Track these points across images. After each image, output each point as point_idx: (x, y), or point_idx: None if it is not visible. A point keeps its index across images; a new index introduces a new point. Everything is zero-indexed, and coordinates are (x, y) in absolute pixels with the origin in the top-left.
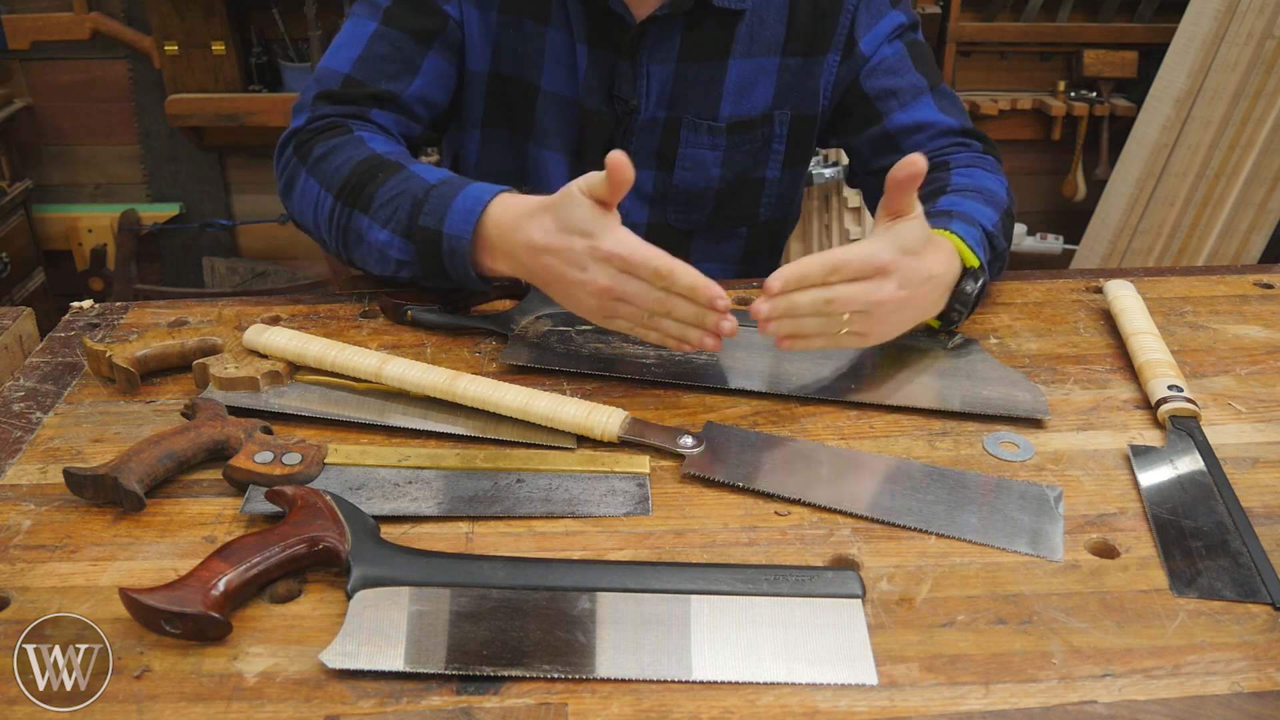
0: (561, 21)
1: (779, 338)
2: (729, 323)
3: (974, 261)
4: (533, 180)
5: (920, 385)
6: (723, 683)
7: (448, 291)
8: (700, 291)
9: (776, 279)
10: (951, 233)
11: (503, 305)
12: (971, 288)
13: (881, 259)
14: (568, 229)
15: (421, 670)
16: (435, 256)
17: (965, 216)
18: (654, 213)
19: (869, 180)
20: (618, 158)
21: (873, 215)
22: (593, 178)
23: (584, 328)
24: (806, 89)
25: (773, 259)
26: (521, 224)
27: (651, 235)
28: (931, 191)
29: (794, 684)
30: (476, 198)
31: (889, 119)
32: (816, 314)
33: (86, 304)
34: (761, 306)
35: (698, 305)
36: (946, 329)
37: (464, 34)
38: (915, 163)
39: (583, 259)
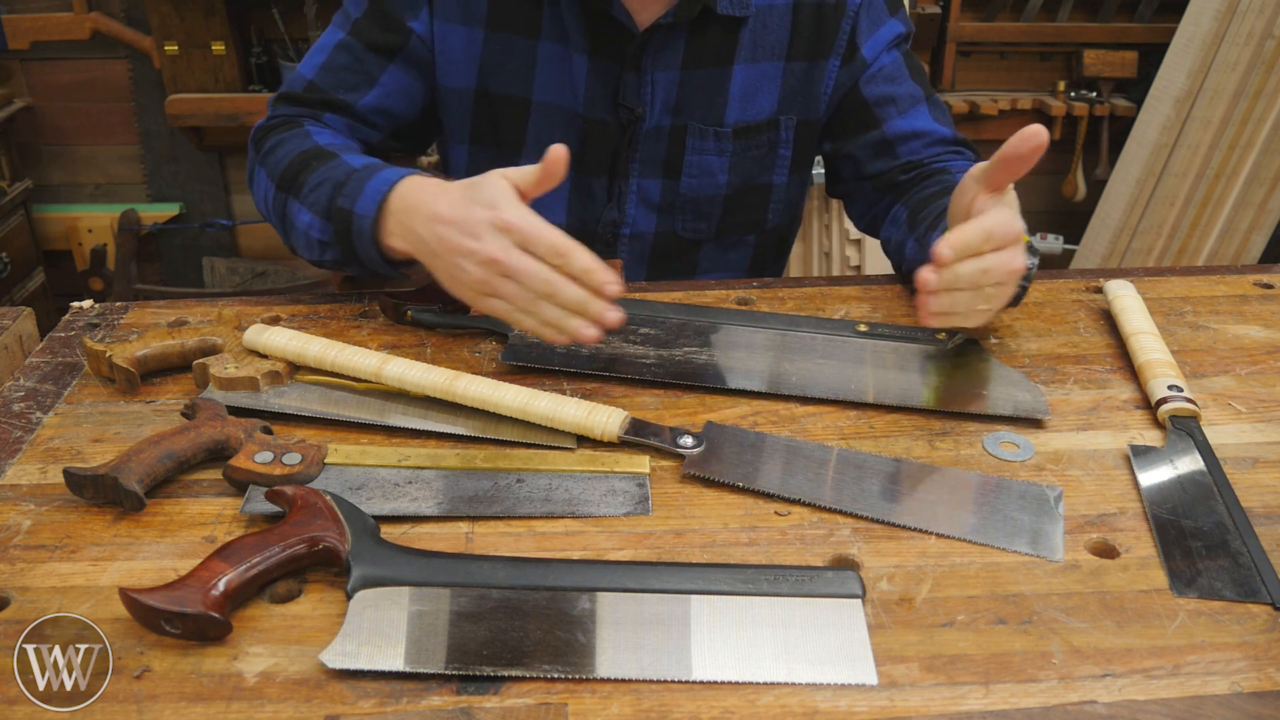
0: (554, 34)
1: (929, 313)
2: (614, 314)
3: (1026, 237)
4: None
5: (920, 385)
6: (723, 683)
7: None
8: (594, 274)
9: (946, 247)
10: None
11: None
12: (1031, 263)
13: (1017, 227)
14: (473, 201)
15: (421, 670)
16: (348, 236)
17: None
18: (662, 222)
19: (861, 185)
20: (559, 152)
21: (856, 224)
22: (520, 169)
23: None
24: (810, 94)
25: (778, 264)
26: (427, 198)
27: (660, 245)
28: (942, 191)
29: (794, 684)
30: (387, 179)
31: (888, 125)
32: (972, 286)
33: (86, 304)
34: (930, 277)
35: (585, 290)
36: (1011, 305)
37: (433, 51)
38: (1039, 134)
39: (479, 227)
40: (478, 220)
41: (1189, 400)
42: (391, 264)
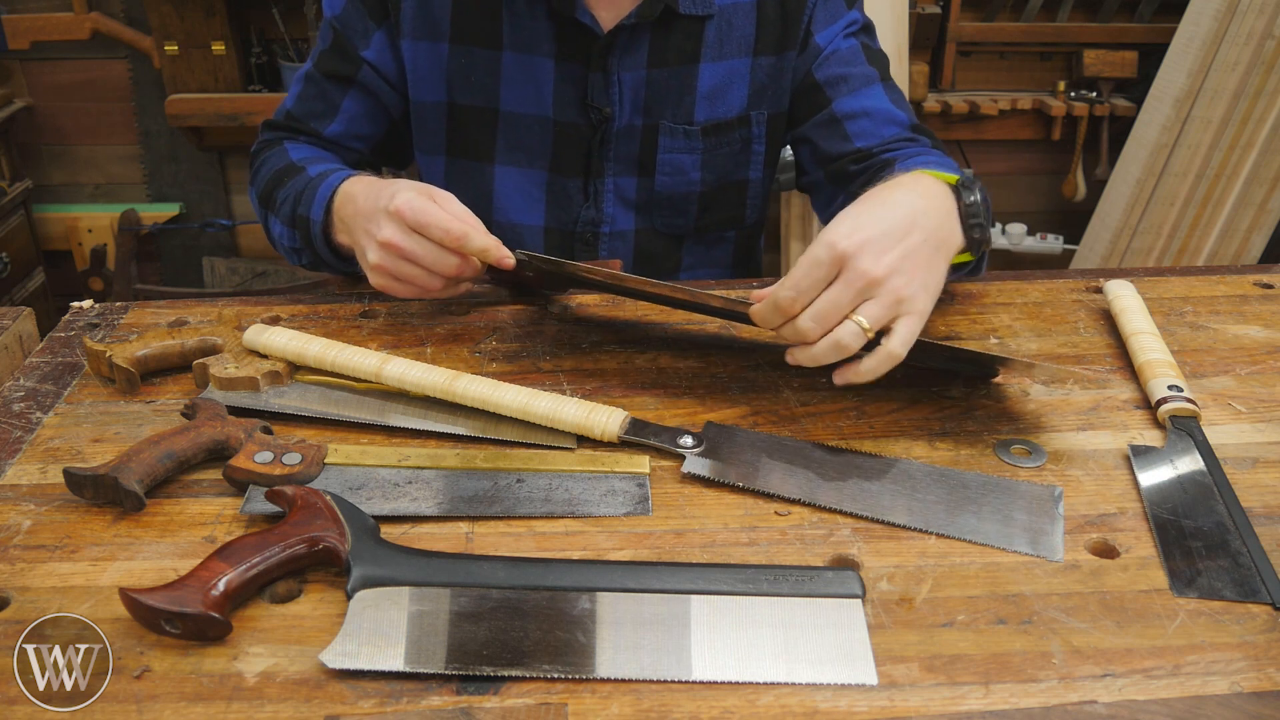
0: (516, 44)
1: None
2: (509, 260)
3: (952, 179)
4: (503, 201)
5: None
6: (723, 683)
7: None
8: (490, 253)
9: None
10: (918, 169)
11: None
12: (973, 198)
13: (830, 261)
14: (380, 192)
15: (421, 670)
16: (309, 240)
17: (925, 161)
18: (640, 219)
19: (818, 176)
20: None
21: (821, 220)
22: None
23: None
24: (779, 88)
25: (757, 255)
26: (357, 193)
27: (641, 242)
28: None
29: (794, 684)
30: (332, 184)
31: (836, 103)
32: (819, 323)
33: (86, 304)
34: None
35: (478, 264)
36: (978, 253)
37: (382, 75)
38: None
39: (379, 214)
40: (378, 209)
41: (1189, 400)
42: (346, 260)
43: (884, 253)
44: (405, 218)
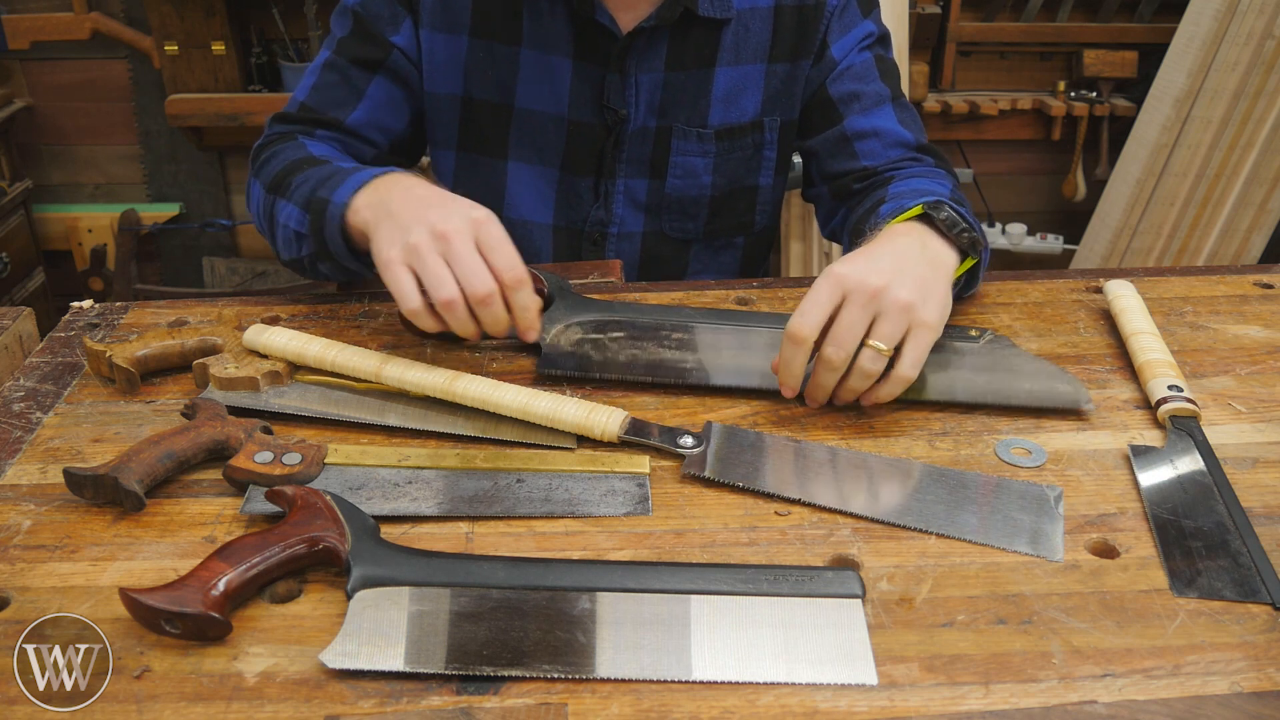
0: (535, 41)
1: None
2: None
3: (915, 210)
4: (514, 198)
5: (954, 379)
6: (723, 683)
7: None
8: (527, 314)
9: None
10: (885, 223)
11: None
12: (943, 214)
13: (830, 286)
14: (462, 199)
15: (421, 670)
16: (320, 224)
17: (895, 197)
18: (649, 221)
19: (822, 190)
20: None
21: (821, 231)
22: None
23: (616, 334)
24: (792, 95)
25: (766, 264)
26: (414, 183)
27: (649, 244)
28: (868, 210)
29: (794, 684)
30: (374, 171)
31: (848, 121)
32: (831, 370)
33: (86, 304)
34: (786, 392)
35: (506, 319)
36: (975, 254)
37: (416, 63)
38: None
39: (454, 211)
40: (457, 206)
41: (1189, 400)
42: (354, 254)
43: (881, 271)
44: (480, 229)
